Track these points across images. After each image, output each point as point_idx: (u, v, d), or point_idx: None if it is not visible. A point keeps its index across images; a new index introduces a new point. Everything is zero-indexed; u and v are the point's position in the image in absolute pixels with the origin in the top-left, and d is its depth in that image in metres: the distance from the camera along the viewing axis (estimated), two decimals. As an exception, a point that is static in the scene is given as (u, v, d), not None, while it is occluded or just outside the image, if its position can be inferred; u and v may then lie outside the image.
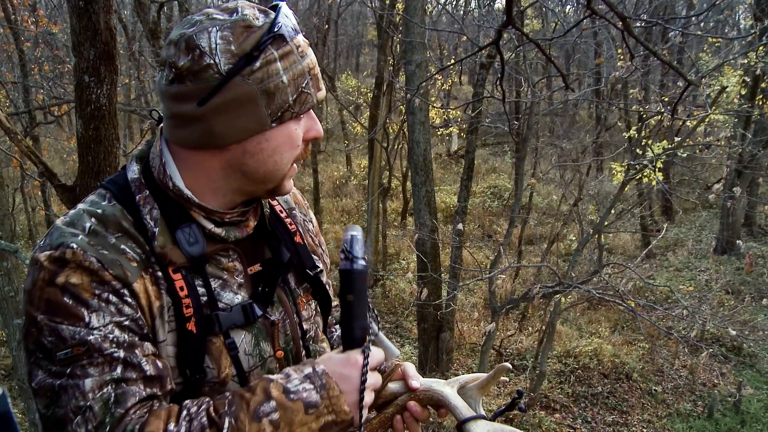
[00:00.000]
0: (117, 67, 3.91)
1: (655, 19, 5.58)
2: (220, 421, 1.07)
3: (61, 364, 1.04)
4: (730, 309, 12.41)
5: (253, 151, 1.16)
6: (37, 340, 1.05)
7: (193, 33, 1.10)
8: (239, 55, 1.10)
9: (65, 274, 1.05)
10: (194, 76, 1.10)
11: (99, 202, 1.17)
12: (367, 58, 35.10)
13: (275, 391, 1.13)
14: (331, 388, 1.16)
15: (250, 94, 1.11)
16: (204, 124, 1.13)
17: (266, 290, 1.30)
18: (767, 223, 18.13)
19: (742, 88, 13.32)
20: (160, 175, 1.19)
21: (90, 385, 1.04)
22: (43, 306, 1.05)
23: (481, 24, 10.36)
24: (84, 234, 1.10)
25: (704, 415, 10.28)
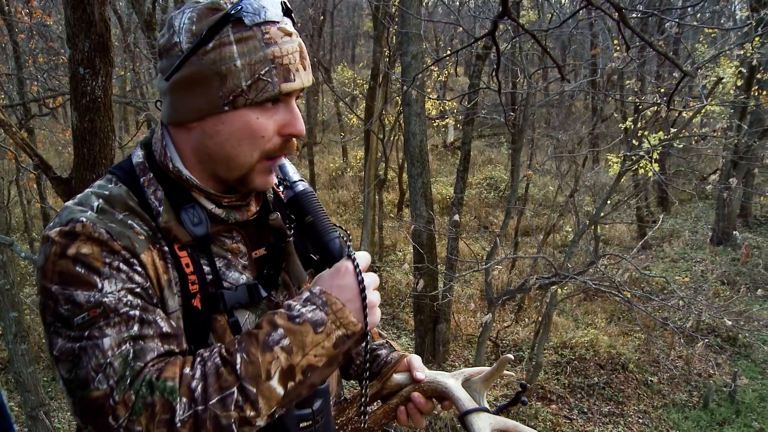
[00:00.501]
0: (112, 59, 3.90)
1: (651, 10, 5.56)
2: (232, 358, 1.08)
3: (79, 329, 1.06)
4: (725, 300, 12.44)
5: (210, 132, 1.19)
6: (54, 311, 1.08)
7: (174, 14, 1.18)
8: (197, 34, 1.14)
9: (76, 245, 1.09)
10: (166, 52, 1.18)
11: (105, 185, 1.21)
12: (363, 50, 35.02)
13: (280, 320, 1.12)
14: (333, 303, 1.15)
15: (201, 73, 1.15)
16: (170, 99, 1.20)
17: (271, 273, 1.31)
18: (763, 213, 18.17)
19: (738, 79, 13.33)
20: (161, 157, 1.23)
21: (108, 344, 1.06)
22: (57, 278, 1.08)
23: (477, 15, 10.32)
24: (92, 211, 1.14)
25: (700, 405, 10.33)
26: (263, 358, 1.08)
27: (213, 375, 1.07)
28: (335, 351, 1.14)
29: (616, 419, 9.94)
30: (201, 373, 1.07)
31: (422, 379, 1.41)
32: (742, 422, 9.88)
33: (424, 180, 10.28)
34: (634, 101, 13.58)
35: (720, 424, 9.89)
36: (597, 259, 9.49)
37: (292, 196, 1.30)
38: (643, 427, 9.83)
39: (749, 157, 13.60)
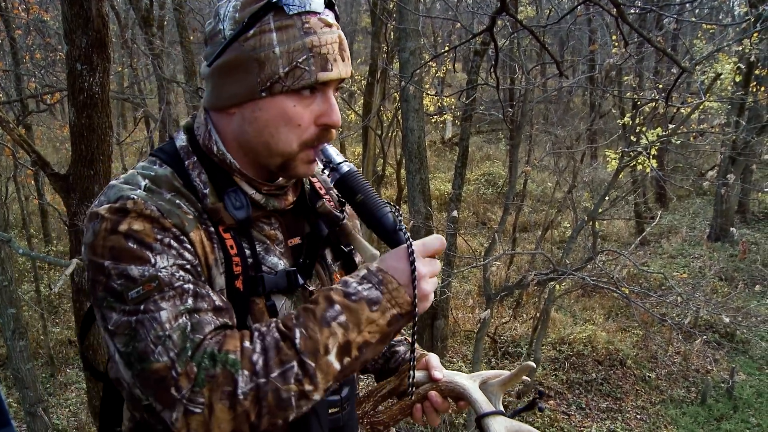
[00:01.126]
0: (109, 55, 3.89)
1: (650, 6, 5.55)
2: (291, 333, 1.10)
3: (134, 303, 1.07)
4: (723, 296, 12.47)
5: (249, 118, 1.21)
6: (106, 286, 1.09)
7: (221, 2, 1.22)
8: (239, 21, 1.17)
9: (127, 221, 1.10)
10: (211, 39, 1.22)
11: (150, 167, 1.23)
12: (361, 46, 34.95)
13: (337, 297, 1.14)
14: (389, 282, 1.16)
15: (241, 59, 1.17)
16: (211, 85, 1.24)
17: (307, 262, 1.34)
18: (761, 210, 18.19)
19: (736, 75, 13.33)
20: (205, 141, 1.26)
21: (166, 316, 1.07)
22: (108, 253, 1.09)
23: (475, 11, 10.30)
24: (141, 189, 1.16)
25: (697, 401, 10.35)
26: (321, 334, 1.10)
27: (273, 349, 1.08)
28: (388, 329, 1.16)
29: (614, 415, 9.96)
30: (261, 347, 1.08)
31: (440, 379, 1.44)
32: (739, 418, 9.91)
33: (422, 176, 10.28)
34: (633, 97, 13.59)
35: (718, 420, 9.92)
36: (595, 255, 9.50)
37: (339, 177, 1.29)
38: (641, 422, 9.85)
39: (747, 153, 13.61)
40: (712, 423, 9.88)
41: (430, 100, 16.66)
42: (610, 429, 9.60)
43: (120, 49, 15.31)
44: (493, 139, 24.39)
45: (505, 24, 9.13)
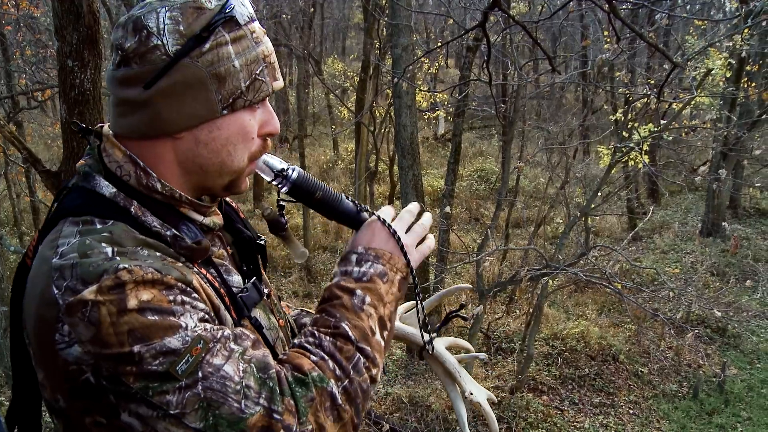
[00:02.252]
0: (101, 52, 3.88)
1: (642, 1, 5.56)
2: (339, 329, 1.14)
3: (188, 374, 0.97)
4: (715, 291, 12.53)
5: (205, 140, 1.13)
6: (142, 374, 0.95)
7: (141, 14, 1.07)
8: (188, 35, 1.07)
9: (133, 295, 0.96)
10: (140, 58, 1.07)
11: (93, 228, 1.05)
12: (354, 42, 34.93)
13: (351, 284, 1.21)
14: (383, 254, 1.25)
15: (198, 77, 1.08)
16: (151, 109, 1.08)
17: (251, 267, 1.32)
18: (752, 205, 18.27)
19: (727, 71, 13.38)
20: (141, 180, 1.12)
21: (231, 369, 1.00)
22: (129, 338, 0.95)
23: (468, 7, 10.31)
24: (115, 255, 1.00)
25: (689, 395, 10.39)
26: (362, 320, 1.16)
27: (336, 350, 1.12)
28: (400, 293, 1.26)
29: (606, 410, 9.99)
30: (326, 353, 1.12)
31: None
32: (730, 412, 9.96)
33: (414, 172, 10.28)
34: (625, 93, 13.61)
35: (709, 414, 9.96)
36: (588, 250, 9.53)
37: (293, 182, 1.29)
38: (634, 417, 9.88)
39: (739, 148, 13.66)
40: (703, 417, 9.92)
41: (423, 96, 16.66)
42: (603, 424, 9.63)
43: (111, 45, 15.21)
44: (486, 135, 24.41)
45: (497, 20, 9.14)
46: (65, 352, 0.96)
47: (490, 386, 10.03)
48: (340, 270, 1.25)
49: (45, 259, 1.02)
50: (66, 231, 1.05)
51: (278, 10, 17.01)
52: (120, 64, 1.08)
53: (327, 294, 1.22)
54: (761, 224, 17.29)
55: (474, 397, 1.50)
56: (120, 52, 1.07)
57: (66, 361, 0.96)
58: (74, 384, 0.98)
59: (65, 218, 1.08)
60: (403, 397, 9.57)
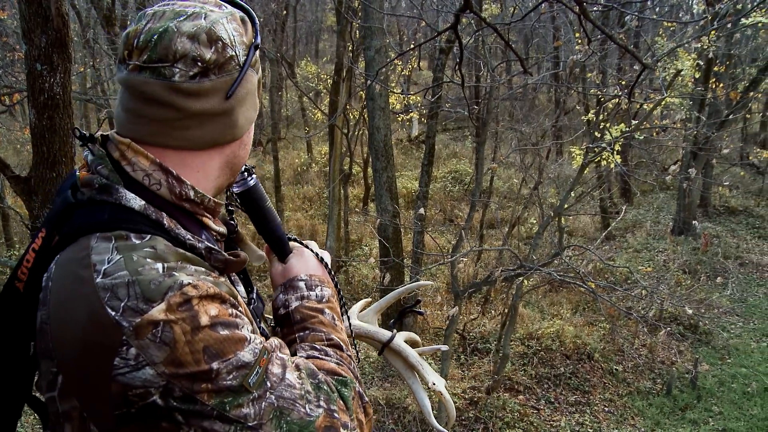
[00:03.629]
0: (70, 55, 3.83)
1: (612, 3, 5.62)
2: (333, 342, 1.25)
3: (259, 386, 0.99)
4: (686, 288, 12.69)
5: (246, 141, 1.19)
6: (218, 390, 0.95)
7: (210, 25, 1.05)
8: (249, 46, 1.11)
9: (203, 311, 0.95)
10: (219, 69, 1.06)
11: (133, 245, 1.00)
12: (327, 44, 34.89)
13: (317, 305, 1.30)
14: (322, 280, 1.36)
15: (255, 84, 1.15)
16: (230, 118, 1.11)
17: (241, 276, 1.33)
18: (722, 203, 18.55)
19: (696, 72, 13.58)
20: (174, 189, 1.08)
21: (293, 377, 1.06)
22: (206, 355, 0.94)
23: (440, 9, 10.35)
24: (170, 270, 0.97)
25: (663, 392, 10.52)
26: (340, 332, 1.29)
27: (340, 357, 1.23)
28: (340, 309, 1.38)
29: (582, 408, 10.07)
30: (337, 359, 1.22)
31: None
32: (703, 407, 10.10)
33: (389, 174, 10.29)
34: (596, 94, 13.75)
35: (682, 410, 10.09)
36: (561, 250, 9.59)
37: (252, 186, 1.32)
38: (609, 414, 9.97)
39: (708, 148, 13.85)
40: (677, 413, 10.05)
41: (397, 99, 16.71)
42: (579, 422, 9.71)
43: (82, 49, 15.05)
44: (460, 136, 24.50)
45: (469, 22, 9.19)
46: (128, 377, 0.92)
47: (466, 387, 10.06)
48: (294, 296, 1.31)
49: (83, 280, 0.96)
50: (99, 248, 0.98)
51: (250, 12, 16.91)
52: (196, 76, 1.04)
53: (299, 316, 1.28)
54: (731, 222, 17.57)
55: (436, 387, 1.60)
56: (199, 64, 1.04)
57: (127, 385, 0.92)
58: (128, 409, 0.94)
59: (90, 234, 1.01)
60: (380, 399, 9.57)
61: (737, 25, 12.64)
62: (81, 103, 16.01)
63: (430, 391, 1.60)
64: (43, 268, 1.05)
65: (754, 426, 9.51)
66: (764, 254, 15.69)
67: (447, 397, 1.58)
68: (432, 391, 1.60)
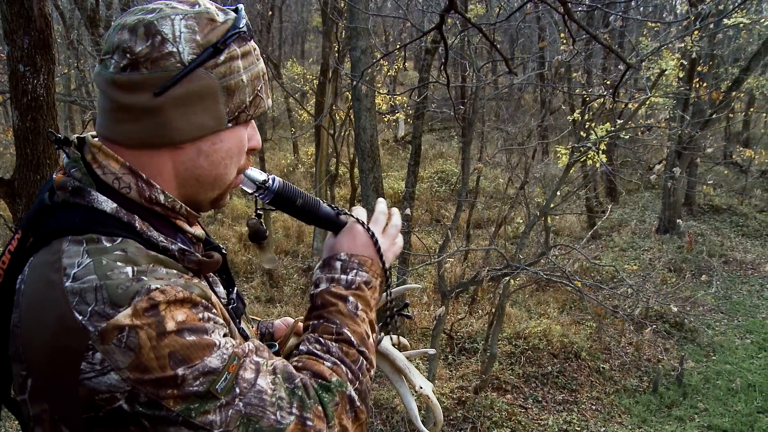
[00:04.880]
0: (54, 56, 3.81)
1: (596, 4, 5.65)
2: (342, 335, 1.20)
3: (227, 392, 0.97)
4: (672, 286, 12.78)
5: (207, 151, 1.10)
6: (184, 396, 0.94)
7: (154, 18, 1.03)
8: (204, 46, 1.05)
9: (169, 316, 0.94)
10: (152, 63, 1.02)
11: (103, 248, 0.99)
12: (312, 45, 34.85)
13: (343, 291, 1.26)
14: (365, 261, 1.31)
15: (211, 88, 1.06)
16: (159, 117, 1.04)
17: (223, 277, 1.30)
18: (706, 202, 18.69)
19: (680, 71, 13.67)
20: (144, 192, 1.07)
21: (264, 382, 1.02)
22: (171, 361, 0.92)
23: (425, 9, 10.37)
24: (139, 274, 0.96)
25: (649, 389, 10.58)
26: (359, 325, 1.23)
27: (344, 355, 1.18)
28: (380, 297, 1.35)
29: (570, 407, 10.11)
30: (337, 358, 1.17)
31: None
32: (688, 404, 10.17)
33: (375, 175, 10.28)
34: (582, 93, 13.81)
35: (668, 407, 10.16)
36: (548, 249, 9.63)
37: (275, 193, 1.29)
38: (596, 413, 10.02)
39: (692, 147, 13.97)
40: (663, 410, 10.11)
41: (383, 99, 16.71)
42: (567, 420, 9.74)
43: (66, 50, 14.94)
44: (446, 136, 24.54)
45: (455, 22, 9.21)
46: (94, 381, 0.91)
47: (454, 386, 10.07)
48: (325, 277, 1.28)
49: (52, 283, 0.96)
50: (70, 251, 0.98)
51: (235, 13, 16.88)
52: (126, 68, 1.03)
53: (320, 301, 1.25)
54: (715, 220, 17.71)
55: (423, 391, 1.57)
56: (128, 56, 1.02)
57: (93, 390, 0.92)
58: (95, 413, 0.94)
59: (62, 237, 1.01)
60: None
61: (719, 25, 12.78)
62: (65, 104, 15.90)
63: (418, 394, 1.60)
64: (18, 270, 1.04)
65: (739, 422, 9.59)
66: (747, 252, 15.83)
67: (434, 402, 1.57)
68: (419, 395, 1.59)
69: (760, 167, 20.67)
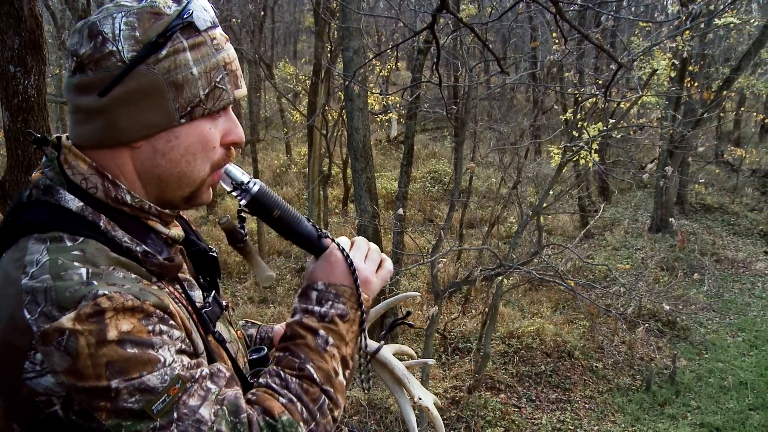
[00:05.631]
0: (45, 57, 3.80)
1: (588, 3, 5.66)
2: (304, 371, 1.14)
3: (163, 414, 0.94)
4: (664, 285, 12.82)
5: (163, 149, 1.08)
6: (117, 410, 0.91)
7: (96, 19, 1.03)
8: (144, 42, 1.03)
9: (113, 325, 0.92)
10: (95, 64, 1.02)
11: (64, 247, 0.99)
12: (305, 45, 34.83)
13: (314, 323, 1.19)
14: (343, 292, 1.24)
15: (155, 85, 1.04)
16: (106, 118, 1.04)
17: (207, 280, 1.28)
18: (698, 201, 18.75)
19: (671, 71, 13.71)
20: (109, 192, 1.07)
21: (206, 413, 0.98)
22: (107, 371, 0.91)
23: (418, 9, 10.37)
24: (91, 278, 0.95)
25: (642, 388, 10.62)
26: (326, 361, 1.16)
27: (303, 392, 1.12)
28: (360, 329, 1.26)
29: (563, 405, 10.13)
30: (293, 395, 1.11)
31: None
32: (681, 402, 10.21)
33: (368, 175, 10.29)
34: (574, 93, 13.84)
35: (661, 405, 10.20)
36: (541, 249, 9.65)
37: (252, 197, 1.23)
38: (590, 411, 10.05)
39: (684, 146, 14.00)
40: (656, 408, 10.15)
41: (375, 99, 16.69)
42: (560, 419, 9.77)
43: (57, 50, 14.91)
44: (438, 136, 24.55)
45: (447, 22, 9.22)
46: (34, 382, 0.91)
47: (448, 386, 10.08)
48: (300, 307, 1.23)
49: (12, 280, 0.96)
50: (33, 249, 0.99)
51: (228, 14, 16.85)
52: (76, 71, 1.04)
53: (290, 332, 1.21)
54: (707, 219, 17.78)
55: (422, 402, 1.54)
56: (75, 59, 1.04)
57: (33, 391, 0.91)
58: (36, 415, 0.93)
59: (28, 235, 1.02)
60: (362, 400, 9.56)
61: (710, 25, 12.83)
62: (57, 105, 15.85)
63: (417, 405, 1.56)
64: None
65: (730, 419, 9.63)
66: (739, 250, 15.90)
67: (435, 414, 1.54)
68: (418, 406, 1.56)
69: (751, 166, 20.76)
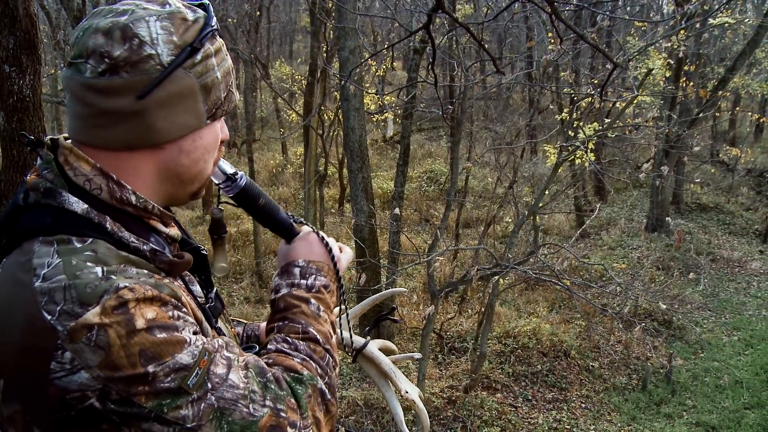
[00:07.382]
0: (40, 57, 3.79)
1: (583, 3, 5.67)
2: (308, 334, 1.24)
3: (198, 387, 0.98)
4: (660, 284, 12.84)
5: (188, 149, 1.12)
6: (155, 392, 0.94)
7: (128, 21, 1.02)
8: (182, 46, 1.06)
9: (139, 315, 0.94)
10: (132, 67, 1.02)
11: (74, 248, 0.99)
12: (301, 45, 34.85)
13: (305, 293, 1.31)
14: (322, 267, 1.37)
15: (191, 88, 1.08)
16: (143, 120, 1.05)
17: (202, 277, 1.28)
18: (694, 200, 18.80)
19: (666, 71, 13.75)
20: (114, 194, 1.07)
21: (236, 376, 1.04)
22: (141, 358, 0.93)
23: (413, 9, 10.37)
24: (108, 274, 0.96)
25: (638, 387, 10.63)
26: (322, 324, 1.27)
27: (312, 352, 1.22)
28: (337, 301, 1.39)
29: (559, 405, 10.14)
30: (305, 355, 1.21)
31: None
32: (677, 401, 10.22)
33: (364, 175, 10.29)
34: (570, 93, 13.85)
35: (657, 404, 10.21)
36: (537, 248, 9.66)
37: (241, 189, 1.33)
38: (586, 411, 10.06)
39: (679, 146, 14.03)
40: (652, 408, 10.16)
41: (371, 99, 16.71)
42: (557, 419, 9.77)
43: (52, 50, 14.88)
44: (434, 136, 24.57)
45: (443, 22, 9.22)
46: (64, 381, 0.91)
47: (444, 386, 10.09)
48: (285, 282, 1.33)
49: (23, 284, 0.95)
50: (40, 251, 0.98)
51: (224, 14, 16.84)
52: (105, 73, 1.02)
53: (283, 304, 1.29)
54: (702, 219, 17.82)
55: (409, 395, 1.58)
56: (107, 60, 1.02)
57: (64, 389, 0.92)
58: (67, 413, 0.94)
59: (33, 238, 1.01)
60: (358, 399, 9.56)
61: (705, 25, 12.85)
62: (52, 105, 15.83)
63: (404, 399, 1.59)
64: None
65: (726, 418, 9.65)
66: (734, 250, 15.94)
67: (420, 407, 1.58)
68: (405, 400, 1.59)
69: (746, 165, 20.81)
